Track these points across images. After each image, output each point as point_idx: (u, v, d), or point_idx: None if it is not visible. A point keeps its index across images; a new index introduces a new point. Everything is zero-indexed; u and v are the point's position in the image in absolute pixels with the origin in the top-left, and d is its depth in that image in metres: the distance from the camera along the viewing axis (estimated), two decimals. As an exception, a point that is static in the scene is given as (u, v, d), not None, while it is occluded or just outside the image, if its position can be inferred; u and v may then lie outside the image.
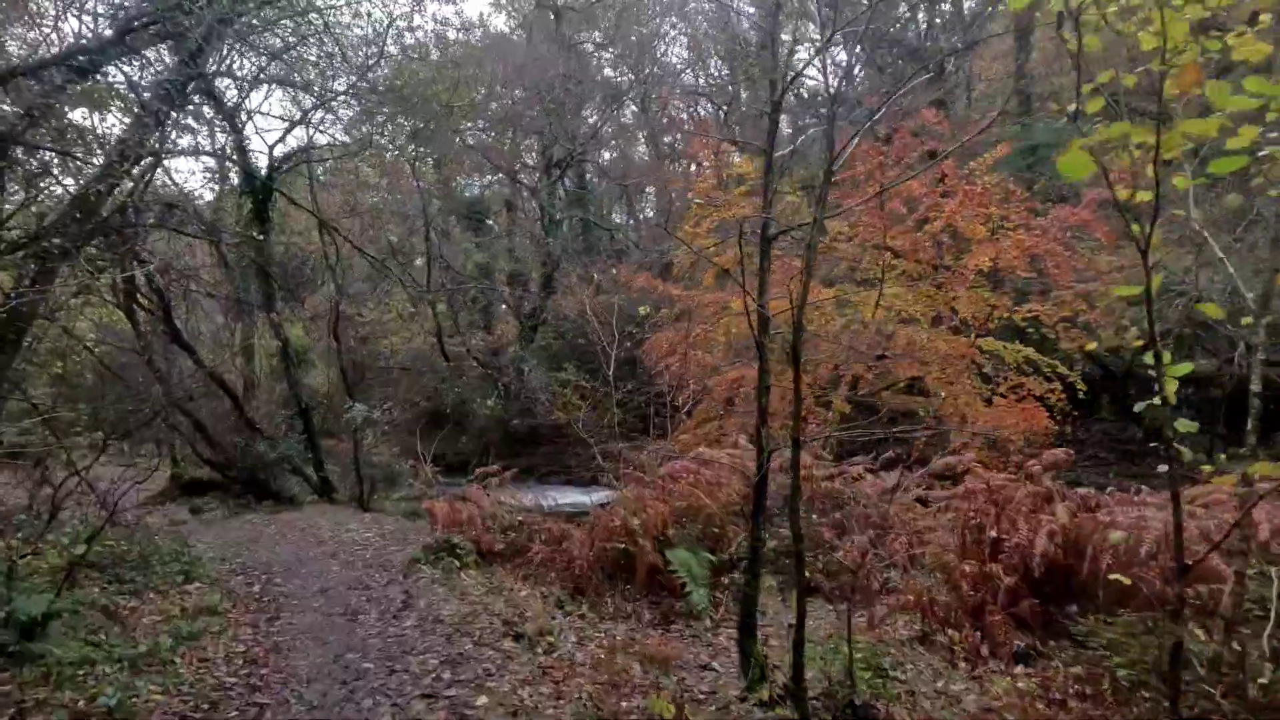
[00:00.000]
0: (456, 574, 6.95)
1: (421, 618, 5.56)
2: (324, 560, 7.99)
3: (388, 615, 5.70)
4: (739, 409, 11.16)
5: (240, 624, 5.52)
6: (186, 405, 10.35)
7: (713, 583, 6.04)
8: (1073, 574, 4.99)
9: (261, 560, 7.98)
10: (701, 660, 4.95)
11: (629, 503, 6.93)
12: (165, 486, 13.67)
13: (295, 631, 5.37)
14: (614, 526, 6.77)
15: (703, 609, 5.73)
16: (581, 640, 5.25)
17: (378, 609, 5.90)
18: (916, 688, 4.33)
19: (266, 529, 9.98)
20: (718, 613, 5.83)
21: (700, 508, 6.76)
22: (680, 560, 5.96)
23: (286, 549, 8.65)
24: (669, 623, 5.78)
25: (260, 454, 11.51)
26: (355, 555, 8.21)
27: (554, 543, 7.45)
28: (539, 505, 10.22)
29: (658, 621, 5.81)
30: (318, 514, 11.25)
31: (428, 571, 7.03)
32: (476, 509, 8.04)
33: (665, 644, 5.11)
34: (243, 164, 10.72)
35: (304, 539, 9.28)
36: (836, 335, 11.73)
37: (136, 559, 6.56)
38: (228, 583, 6.87)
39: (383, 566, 7.56)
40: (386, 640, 5.05)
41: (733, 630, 5.55)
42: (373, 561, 7.82)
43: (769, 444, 4.28)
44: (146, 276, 9.50)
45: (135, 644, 4.49)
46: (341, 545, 8.79)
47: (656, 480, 7.32)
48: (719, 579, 6.36)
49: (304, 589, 6.73)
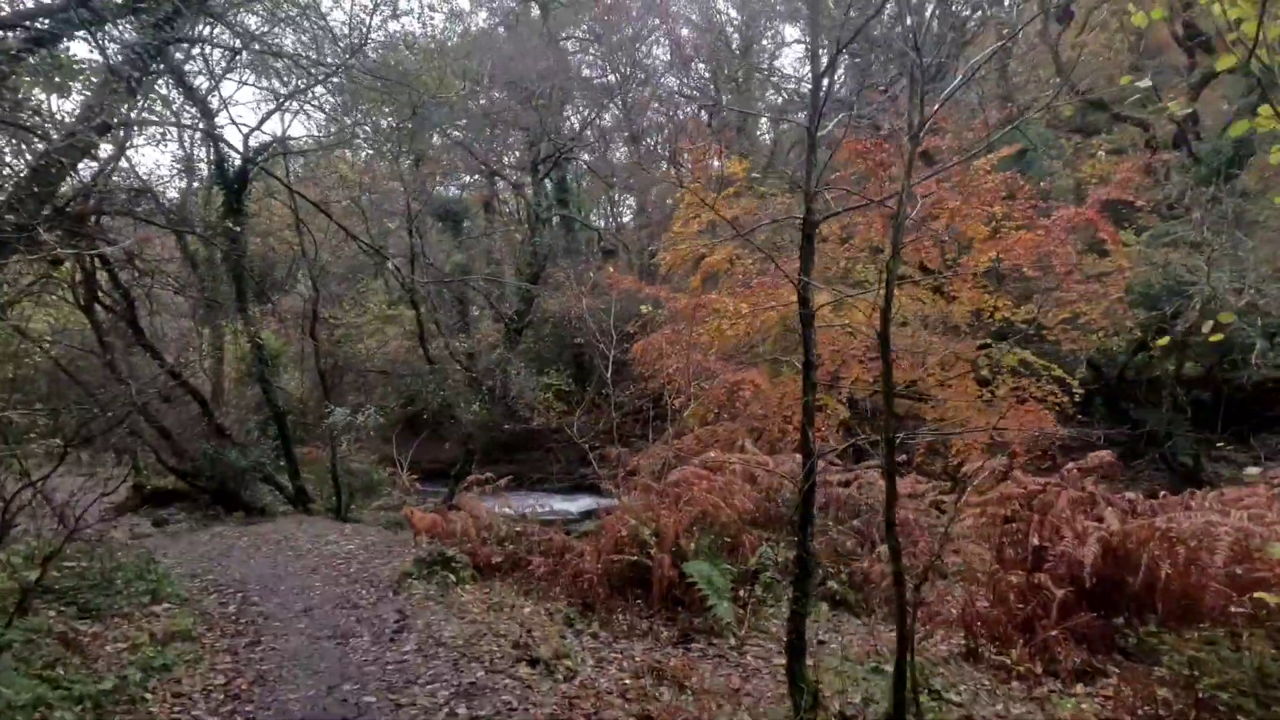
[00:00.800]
0: (452, 589, 6.46)
1: (421, 640, 5.06)
2: (304, 575, 7.42)
3: (383, 638, 5.19)
4: (741, 413, 10.80)
5: (217, 650, 4.96)
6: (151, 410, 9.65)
7: (734, 596, 5.64)
8: (1123, 585, 4.69)
9: (235, 576, 7.38)
10: (733, 683, 4.54)
11: (637, 511, 6.51)
12: (127, 497, 12.86)
13: (280, 658, 4.83)
14: (622, 537, 6.34)
15: (727, 624, 5.32)
16: (600, 663, 4.80)
17: (370, 631, 5.38)
18: (974, 711, 3.98)
19: (238, 542, 9.33)
20: (741, 629, 5.42)
21: (714, 517, 6.36)
22: (700, 573, 5.55)
23: (262, 563, 8.04)
24: (688, 640, 5.36)
25: (230, 462, 10.84)
26: (338, 569, 7.65)
27: (556, 555, 6.99)
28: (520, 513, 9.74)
29: (677, 639, 5.39)
30: (293, 525, 10.61)
31: (420, 587, 6.52)
32: (471, 519, 7.54)
33: (691, 666, 4.69)
34: (215, 153, 10.06)
35: (280, 552, 8.67)
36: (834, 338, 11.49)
37: (98, 578, 5.94)
38: (200, 602, 6.28)
39: (370, 582, 7.03)
40: (385, 668, 4.54)
41: (760, 647, 5.16)
42: (358, 576, 7.28)
43: (816, 449, 3.90)
44: (109, 271, 8.82)
45: (99, 679, 3.94)
46: (322, 558, 8.22)
47: (664, 487, 6.91)
48: (737, 592, 5.96)
49: (285, 608, 6.17)
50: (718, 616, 5.25)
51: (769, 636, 5.42)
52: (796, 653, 3.82)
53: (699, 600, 5.63)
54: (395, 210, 22.19)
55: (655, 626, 5.58)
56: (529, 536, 7.31)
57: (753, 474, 7.19)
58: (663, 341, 12.36)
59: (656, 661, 4.80)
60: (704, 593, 5.42)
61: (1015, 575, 4.76)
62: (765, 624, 5.61)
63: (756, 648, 5.23)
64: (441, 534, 7.48)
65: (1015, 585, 4.71)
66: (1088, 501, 5.15)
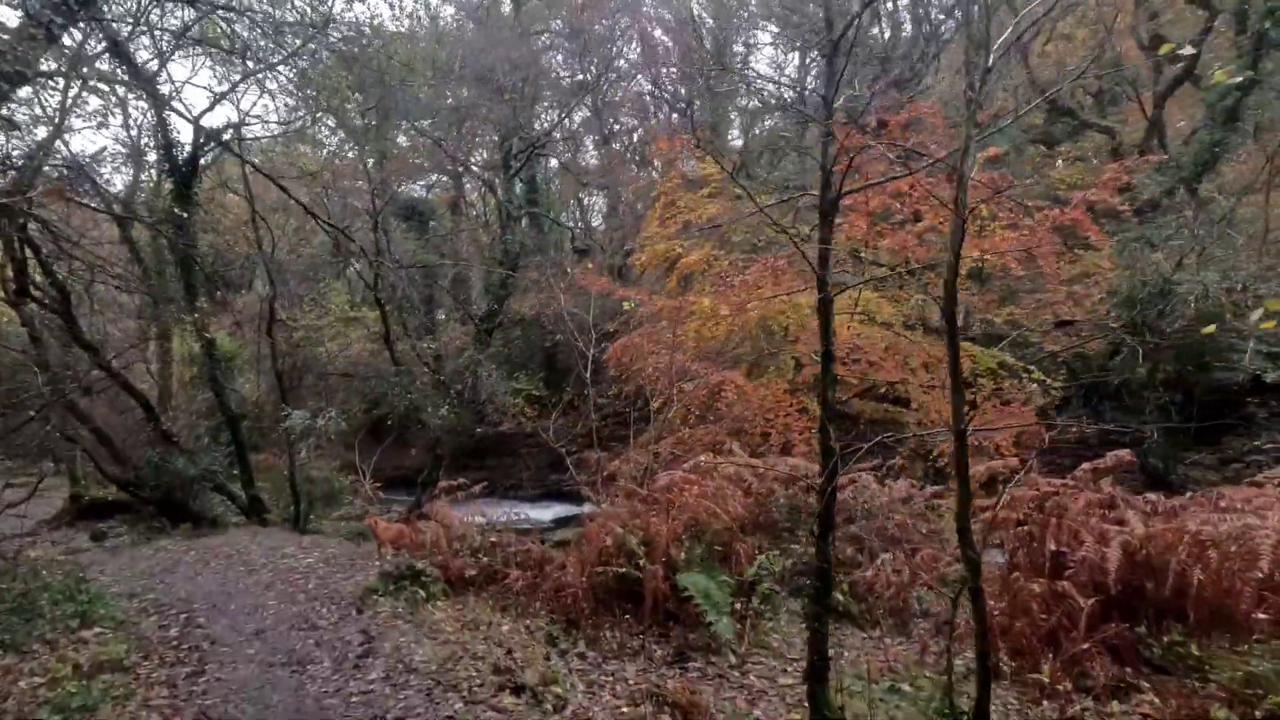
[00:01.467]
0: (423, 606, 5.91)
1: (389, 666, 4.53)
2: (257, 593, 6.78)
3: (345, 664, 4.64)
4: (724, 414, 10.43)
5: (153, 683, 4.36)
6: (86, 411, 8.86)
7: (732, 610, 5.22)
8: (1143, 591, 4.41)
9: (179, 595, 6.71)
10: (740, 707, 4.12)
11: (623, 519, 6.06)
12: (63, 508, 11.93)
13: (226, 691, 4.26)
14: (607, 547, 5.88)
15: (728, 641, 4.90)
16: (592, 688, 4.34)
17: (331, 656, 4.82)
18: (1010, 736, 3.63)
19: (185, 556, 8.59)
20: (741, 645, 5.00)
21: (706, 524, 5.94)
22: (696, 586, 5.13)
23: (210, 580, 7.36)
24: (684, 659, 4.93)
25: (177, 470, 10.05)
26: (295, 585, 7.02)
27: (534, 567, 6.50)
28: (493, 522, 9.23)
29: (671, 658, 4.95)
30: (247, 538, 9.87)
31: (387, 604, 5.96)
32: (441, 529, 6.99)
33: (692, 689, 4.26)
34: (163, 136, 9.33)
35: (232, 567, 7.99)
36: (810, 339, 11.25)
37: (18, 601, 5.27)
38: (137, 626, 5.62)
39: (331, 599, 6.43)
40: (349, 700, 4.01)
41: (763, 665, 4.76)
42: (318, 593, 6.67)
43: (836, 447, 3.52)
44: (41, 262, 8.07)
45: (3, 723, 3.35)
46: (278, 574, 7.57)
47: (651, 493, 6.48)
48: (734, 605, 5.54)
49: (235, 631, 5.56)
50: (717, 634, 4.83)
51: (771, 653, 5.02)
52: (818, 675, 3.42)
53: (695, 615, 5.21)
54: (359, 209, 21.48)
55: (647, 644, 5.14)
56: (505, 547, 6.80)
57: (742, 478, 6.80)
58: (644, 341, 11.97)
59: (654, 685, 4.36)
60: (702, 608, 4.99)
61: (1037, 583, 4.44)
62: (765, 639, 5.21)
63: (759, 665, 4.82)
64: (410, 545, 6.92)
65: (1038, 594, 4.38)
66: (1106, 503, 4.87)
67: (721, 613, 4.96)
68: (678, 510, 5.79)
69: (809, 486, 7.10)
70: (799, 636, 5.26)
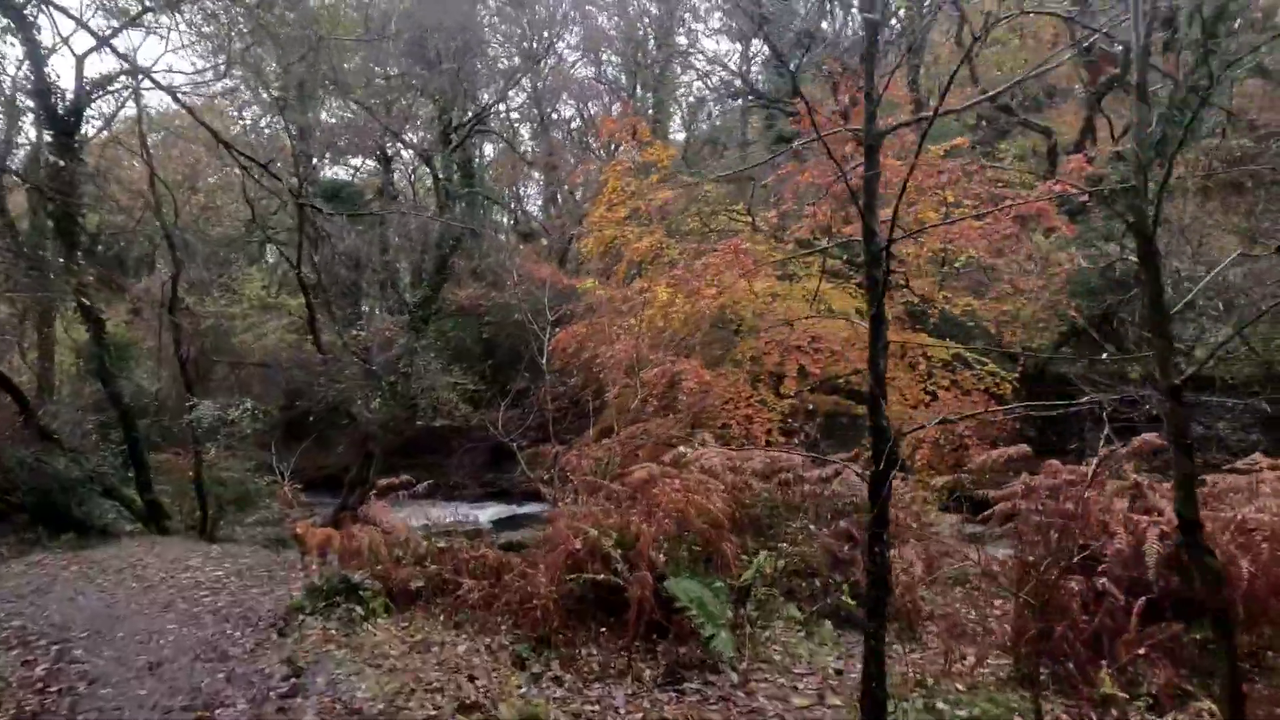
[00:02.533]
0: (361, 626, 5.01)
1: (323, 707, 3.66)
2: (154, 615, 5.69)
3: (266, 705, 3.73)
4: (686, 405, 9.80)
5: (3, 744, 3.35)
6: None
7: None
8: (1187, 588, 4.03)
9: (52, 621, 5.55)
10: (758, 739, 3.48)
11: (595, 518, 5.34)
12: (-87, 519, 10.18)
13: (105, 750, 3.30)
14: (577, 551, 5.14)
15: (730, 658, 4.24)
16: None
17: (248, 694, 3.90)
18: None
19: (64, 573, 7.31)
20: (742, 661, 4.36)
21: (689, 523, 5.28)
22: (687, 594, 4.45)
23: (94, 601, 6.19)
24: (678, 679, 4.25)
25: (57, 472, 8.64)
26: (202, 605, 5.96)
27: (490, 575, 5.69)
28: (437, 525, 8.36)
29: (663, 679, 4.26)
30: (143, 549, 8.58)
31: (317, 625, 5.03)
32: (380, 534, 6.06)
33: (698, 716, 3.59)
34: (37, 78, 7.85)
35: (122, 584, 6.80)
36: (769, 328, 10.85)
37: None
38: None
39: (246, 620, 5.43)
40: (273, 757, 3.13)
41: (769, 683, 4.13)
42: (230, 613, 5.65)
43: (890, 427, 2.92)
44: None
45: None
46: (180, 591, 6.46)
47: (625, 489, 5.78)
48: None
49: (122, 665, 4.52)
50: (717, 650, 4.16)
51: (775, 668, 4.41)
52: (876, 708, 2.79)
53: (685, 627, 4.54)
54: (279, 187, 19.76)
55: (633, 663, 4.42)
56: (456, 553, 5.94)
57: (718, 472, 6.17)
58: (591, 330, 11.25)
59: (649, 713, 3.67)
60: (697, 620, 4.32)
61: (1074, 581, 3.99)
62: (765, 651, 4.59)
63: (764, 684, 4.19)
64: (343, 553, 5.96)
65: (1077, 593, 3.93)
66: (1132, 491, 4.50)
67: (718, 624, 4.31)
68: (663, 508, 5.10)
69: (795, 479, 6.56)
70: (801, 647, 4.67)
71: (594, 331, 11.66)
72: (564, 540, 5.24)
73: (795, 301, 10.95)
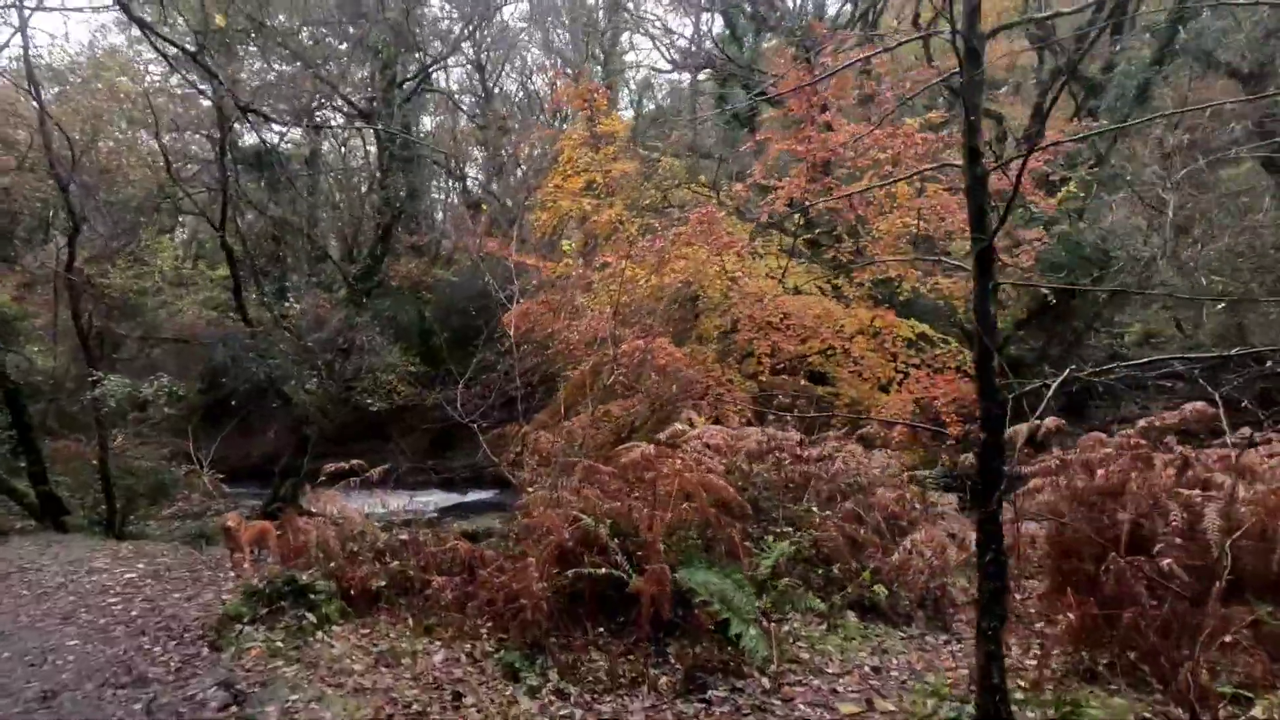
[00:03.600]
0: (314, 636, 4.22)
1: (279, 745, 2.90)
2: (50, 629, 4.72)
3: (202, 746, 2.94)
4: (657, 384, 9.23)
5: None
6: None
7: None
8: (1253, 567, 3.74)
9: (-83, 641, 4.51)
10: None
11: (591, 504, 4.70)
12: None
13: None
14: (565, 541, 4.50)
15: (764, 659, 3.69)
16: (602, 749, 2.98)
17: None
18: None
19: (-65, 580, 6.13)
20: (771, 662, 3.82)
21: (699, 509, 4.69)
22: (704, 585, 3.88)
23: (-27, 614, 5.13)
24: (701, 687, 3.68)
25: (-72, 461, 7.33)
26: (111, 614, 5.01)
27: (463, 571, 4.98)
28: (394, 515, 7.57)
29: (682, 685, 3.68)
30: (36, 548, 7.41)
31: (259, 637, 4.20)
32: (332, 528, 5.24)
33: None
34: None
35: (10, 592, 5.73)
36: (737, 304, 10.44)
37: None
38: None
39: (168, 632, 4.54)
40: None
41: (805, 687, 3.62)
42: (147, 624, 4.73)
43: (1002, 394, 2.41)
44: None
45: None
46: (83, 598, 5.46)
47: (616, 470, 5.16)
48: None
49: (7, 695, 3.62)
50: (749, 650, 3.61)
51: (806, 668, 3.89)
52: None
53: (703, 624, 3.97)
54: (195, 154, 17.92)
55: (645, 669, 3.83)
56: (421, 548, 5.19)
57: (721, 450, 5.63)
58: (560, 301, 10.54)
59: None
60: (721, 616, 3.76)
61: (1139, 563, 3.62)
62: (790, 650, 4.07)
63: (800, 688, 3.67)
64: (286, 550, 5.12)
65: (1144, 576, 3.56)
66: (1182, 464, 4.18)
67: (746, 621, 3.76)
68: (668, 491, 4.50)
69: (793, 459, 6.08)
70: (828, 643, 4.18)
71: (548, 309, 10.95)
72: (554, 529, 4.59)
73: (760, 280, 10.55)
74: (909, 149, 8.93)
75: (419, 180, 18.43)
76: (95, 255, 13.68)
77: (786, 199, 9.78)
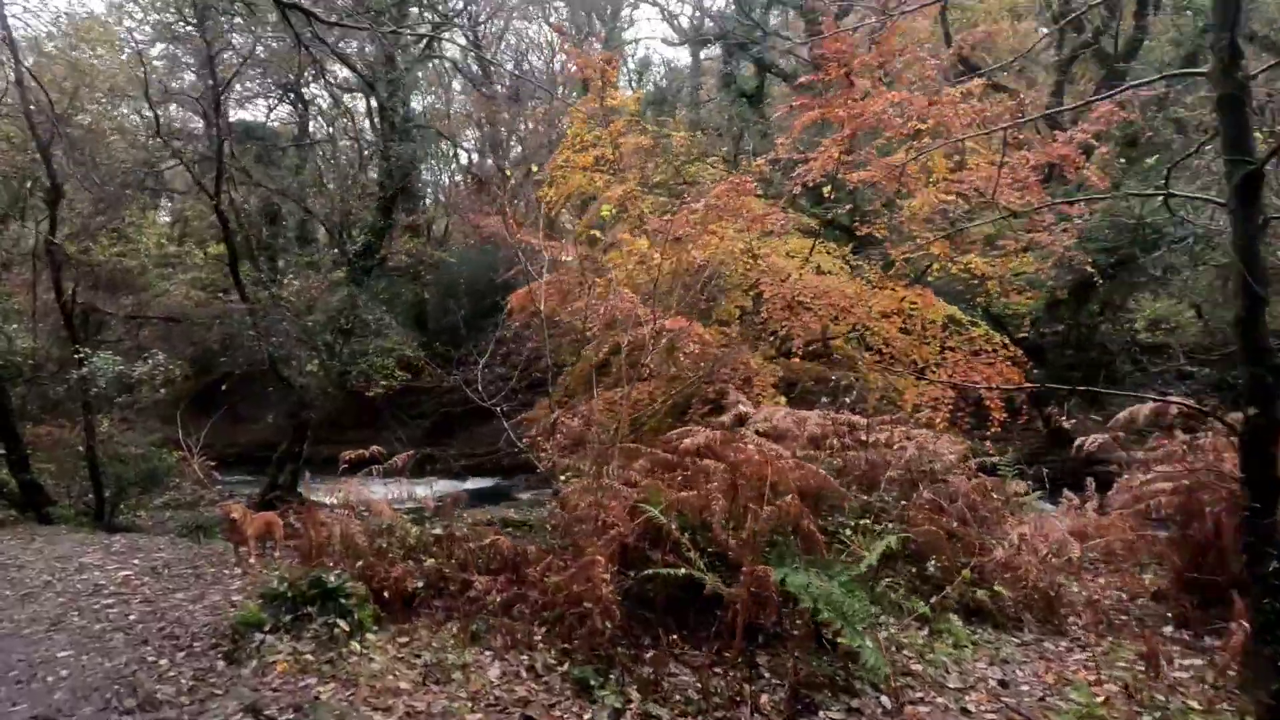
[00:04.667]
0: (347, 647, 3.66)
1: (334, 794, 2.35)
2: (37, 637, 4.12)
3: (236, 795, 2.38)
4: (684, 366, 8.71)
5: None
6: None
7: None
8: None
9: (-119, 652, 3.90)
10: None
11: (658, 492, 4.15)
12: None
13: None
14: (626, 536, 3.96)
15: (884, 675, 3.18)
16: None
17: (200, 773, 2.53)
18: None
19: (-96, 578, 5.49)
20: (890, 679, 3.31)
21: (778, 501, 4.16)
22: (811, 591, 3.35)
23: (-53, 618, 4.51)
24: (810, 708, 3.17)
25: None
26: (107, 619, 4.41)
27: (508, 570, 4.43)
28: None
29: (788, 707, 3.17)
30: (18, 543, 6.77)
31: (284, 648, 3.63)
32: (356, 522, 4.66)
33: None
34: None
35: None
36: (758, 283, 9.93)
37: None
38: None
39: (174, 641, 3.96)
40: None
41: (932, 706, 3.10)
42: (149, 631, 4.14)
43: None
44: None
45: None
46: (74, 599, 4.85)
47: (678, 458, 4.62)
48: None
49: (-13, 723, 3.04)
50: (868, 665, 3.09)
51: (925, 682, 3.39)
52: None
53: (803, 634, 3.45)
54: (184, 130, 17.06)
55: (740, 686, 3.30)
56: (459, 543, 4.63)
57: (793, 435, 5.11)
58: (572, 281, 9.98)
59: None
60: (832, 624, 3.24)
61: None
62: (899, 659, 3.57)
63: (924, 707, 3.17)
64: (308, 548, 4.54)
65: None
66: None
67: (861, 633, 3.24)
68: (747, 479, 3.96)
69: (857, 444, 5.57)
70: (939, 653, 3.67)
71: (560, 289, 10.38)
72: (615, 522, 4.04)
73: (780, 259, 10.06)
74: (955, 117, 8.38)
75: (416, 157, 17.73)
76: (77, 232, 12.89)
77: (821, 171, 9.22)
